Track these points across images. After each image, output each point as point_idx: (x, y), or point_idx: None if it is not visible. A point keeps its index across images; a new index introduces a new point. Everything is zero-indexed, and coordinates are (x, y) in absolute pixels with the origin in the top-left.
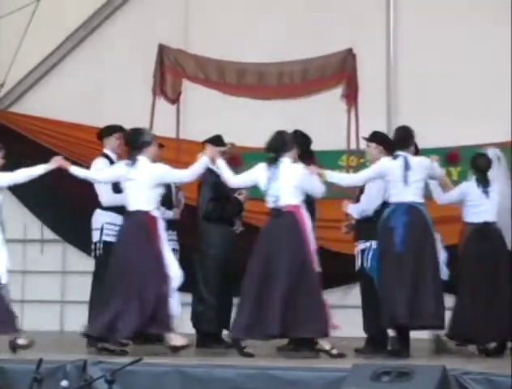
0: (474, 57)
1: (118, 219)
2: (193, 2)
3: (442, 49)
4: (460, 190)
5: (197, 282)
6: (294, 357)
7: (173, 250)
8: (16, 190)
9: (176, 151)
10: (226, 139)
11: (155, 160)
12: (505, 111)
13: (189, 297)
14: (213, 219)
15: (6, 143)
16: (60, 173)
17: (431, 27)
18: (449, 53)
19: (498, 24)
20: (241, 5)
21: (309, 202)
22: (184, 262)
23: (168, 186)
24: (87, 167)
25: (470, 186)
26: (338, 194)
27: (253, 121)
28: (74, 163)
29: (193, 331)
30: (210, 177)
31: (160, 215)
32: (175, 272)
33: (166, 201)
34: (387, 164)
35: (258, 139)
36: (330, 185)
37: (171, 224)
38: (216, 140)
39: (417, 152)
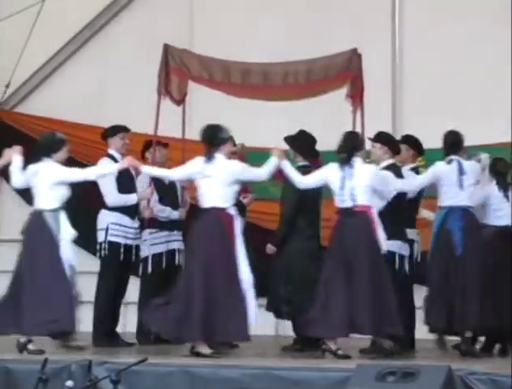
0: (480, 57)
1: (123, 219)
2: (197, 1)
3: (448, 49)
4: (483, 194)
5: None
6: (299, 357)
7: (178, 250)
8: (22, 190)
9: (181, 152)
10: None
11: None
12: (509, 111)
13: None
14: None
15: (11, 143)
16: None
17: (436, 27)
18: (454, 53)
19: (503, 24)
20: (246, 5)
21: (301, 201)
22: None
23: (173, 186)
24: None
25: (491, 190)
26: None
27: (258, 121)
28: (79, 163)
29: None
30: None
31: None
32: (246, 274)
33: (172, 201)
34: (443, 168)
35: (263, 139)
36: None
37: (176, 225)
38: None
39: (421, 153)
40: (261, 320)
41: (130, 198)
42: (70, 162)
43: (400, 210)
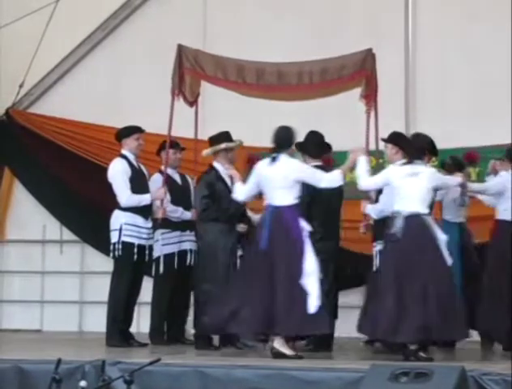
0: (493, 57)
1: (137, 219)
2: (211, 1)
3: (461, 49)
4: None
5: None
6: (313, 358)
7: (190, 251)
8: (35, 191)
9: (194, 152)
10: (246, 140)
11: (177, 163)
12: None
13: None
14: (205, 218)
15: (25, 143)
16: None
17: (450, 27)
18: (468, 53)
19: None
20: (259, 5)
21: (313, 202)
22: None
23: (186, 187)
24: (105, 167)
25: None
26: (356, 195)
27: (271, 121)
28: (92, 164)
29: None
30: (206, 175)
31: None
32: None
33: (184, 202)
34: None
35: None
36: (349, 185)
37: (189, 225)
38: (222, 136)
39: (436, 153)
40: None
41: (144, 199)
42: (82, 163)
43: None
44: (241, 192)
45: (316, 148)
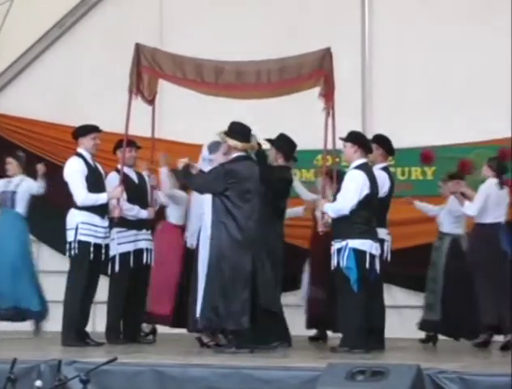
0: (449, 56)
1: (93, 218)
2: (167, 0)
3: (418, 48)
4: None
5: None
6: (270, 357)
7: (146, 249)
8: None
9: (151, 151)
10: (203, 138)
11: (132, 161)
12: (481, 112)
13: None
14: None
15: None
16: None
17: (407, 26)
18: (425, 53)
19: (475, 24)
20: (216, 3)
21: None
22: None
23: (143, 186)
24: (61, 166)
25: None
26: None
27: (229, 120)
28: (48, 162)
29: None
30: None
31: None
32: None
33: (141, 200)
34: None
35: None
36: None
37: (145, 224)
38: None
39: (392, 153)
40: None
41: (101, 198)
42: (38, 161)
43: (371, 209)
44: None
45: (291, 152)
